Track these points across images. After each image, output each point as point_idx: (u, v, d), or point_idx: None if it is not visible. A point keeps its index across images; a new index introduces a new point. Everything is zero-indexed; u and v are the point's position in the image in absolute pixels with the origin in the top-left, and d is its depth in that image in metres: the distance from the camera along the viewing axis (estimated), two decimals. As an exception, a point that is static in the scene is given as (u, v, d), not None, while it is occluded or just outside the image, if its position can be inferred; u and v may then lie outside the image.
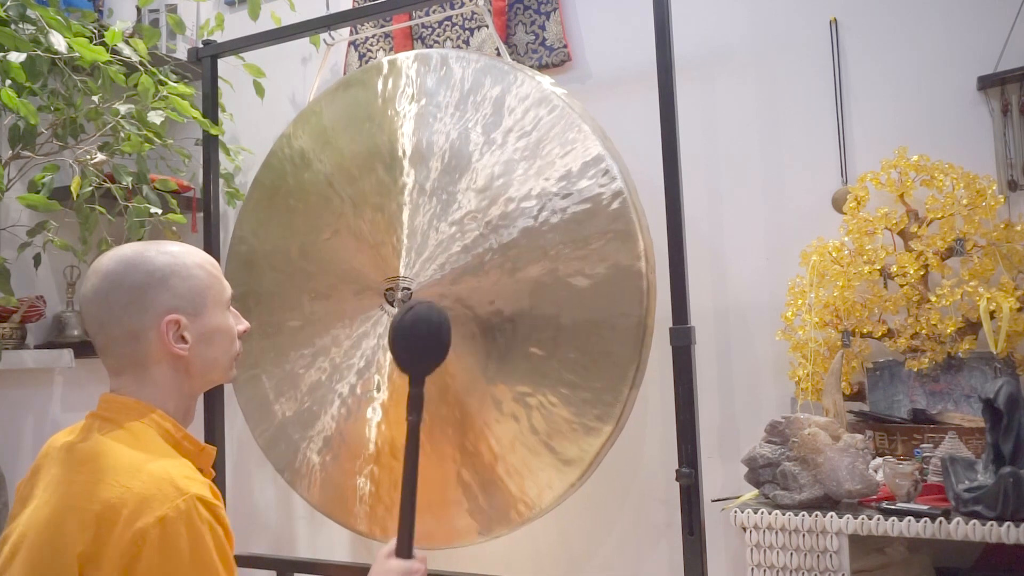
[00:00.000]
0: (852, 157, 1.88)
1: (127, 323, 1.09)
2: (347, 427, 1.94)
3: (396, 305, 1.85)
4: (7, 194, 2.08)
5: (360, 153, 1.96)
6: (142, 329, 1.10)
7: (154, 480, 1.00)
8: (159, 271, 1.11)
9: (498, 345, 1.75)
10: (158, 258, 1.12)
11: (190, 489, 1.00)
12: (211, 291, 1.16)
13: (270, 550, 2.48)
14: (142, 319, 1.10)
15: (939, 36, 1.82)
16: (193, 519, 0.98)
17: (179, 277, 1.12)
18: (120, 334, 1.10)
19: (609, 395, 1.66)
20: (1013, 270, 1.65)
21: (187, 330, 1.12)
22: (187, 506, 0.98)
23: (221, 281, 1.19)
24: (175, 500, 0.98)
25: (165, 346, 1.11)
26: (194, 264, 1.15)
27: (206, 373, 1.17)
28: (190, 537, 0.97)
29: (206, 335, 1.15)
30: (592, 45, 2.17)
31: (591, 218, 1.69)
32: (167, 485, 0.99)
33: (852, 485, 1.44)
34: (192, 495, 0.99)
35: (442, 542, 1.86)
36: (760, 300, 1.94)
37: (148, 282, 1.10)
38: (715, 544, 1.88)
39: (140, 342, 1.10)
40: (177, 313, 1.11)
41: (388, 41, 2.38)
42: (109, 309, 1.10)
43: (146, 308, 1.10)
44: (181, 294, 1.12)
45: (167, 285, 1.11)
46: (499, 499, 1.77)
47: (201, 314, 1.14)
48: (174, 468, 1.04)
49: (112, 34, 1.92)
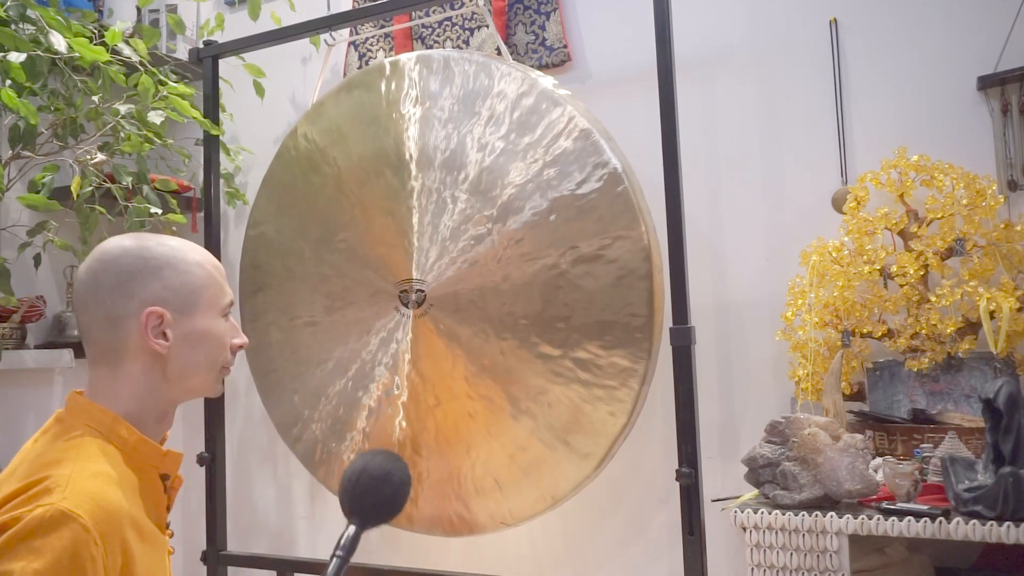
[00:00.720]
0: (852, 157, 1.88)
1: (110, 306, 1.04)
2: (371, 424, 1.98)
3: (410, 307, 1.87)
4: (7, 194, 2.08)
5: (368, 156, 1.97)
6: (124, 316, 1.04)
7: (46, 485, 0.93)
8: (154, 260, 1.06)
9: (512, 345, 1.78)
10: (156, 248, 1.07)
11: (62, 502, 0.91)
12: (206, 291, 1.09)
13: (270, 550, 2.48)
14: (126, 305, 1.04)
15: (939, 36, 1.82)
16: (35, 531, 0.89)
17: (174, 270, 1.06)
18: (101, 317, 1.05)
19: (622, 391, 1.71)
20: (1013, 270, 1.65)
21: (170, 326, 1.05)
22: (41, 516, 0.89)
23: (221, 285, 1.12)
24: (38, 504, 0.90)
25: (143, 339, 1.04)
26: (194, 261, 1.09)
27: (184, 378, 1.09)
28: (15, 547, 0.88)
29: (191, 336, 1.07)
30: (592, 45, 2.17)
31: (601, 218, 1.71)
32: (45, 494, 0.92)
33: (852, 485, 1.44)
34: (57, 508, 0.90)
35: (465, 531, 1.90)
36: (760, 300, 1.94)
37: (140, 268, 1.05)
38: (715, 544, 1.88)
39: (119, 330, 1.04)
40: (163, 306, 1.05)
41: (388, 41, 2.38)
42: (96, 290, 1.04)
43: (132, 294, 1.04)
44: (172, 287, 1.06)
45: (159, 275, 1.05)
46: (519, 490, 1.81)
47: (190, 313, 1.07)
48: (78, 477, 0.95)
49: (112, 34, 1.92)
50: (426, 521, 1.93)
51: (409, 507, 1.93)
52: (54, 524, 0.89)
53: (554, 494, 1.79)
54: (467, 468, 1.86)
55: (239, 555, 2.15)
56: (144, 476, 1.07)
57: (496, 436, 1.82)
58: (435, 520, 1.91)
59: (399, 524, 1.96)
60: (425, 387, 1.88)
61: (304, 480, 2.46)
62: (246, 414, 2.55)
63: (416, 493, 1.92)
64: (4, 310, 2.19)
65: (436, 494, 1.90)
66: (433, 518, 1.92)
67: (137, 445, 1.06)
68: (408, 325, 1.90)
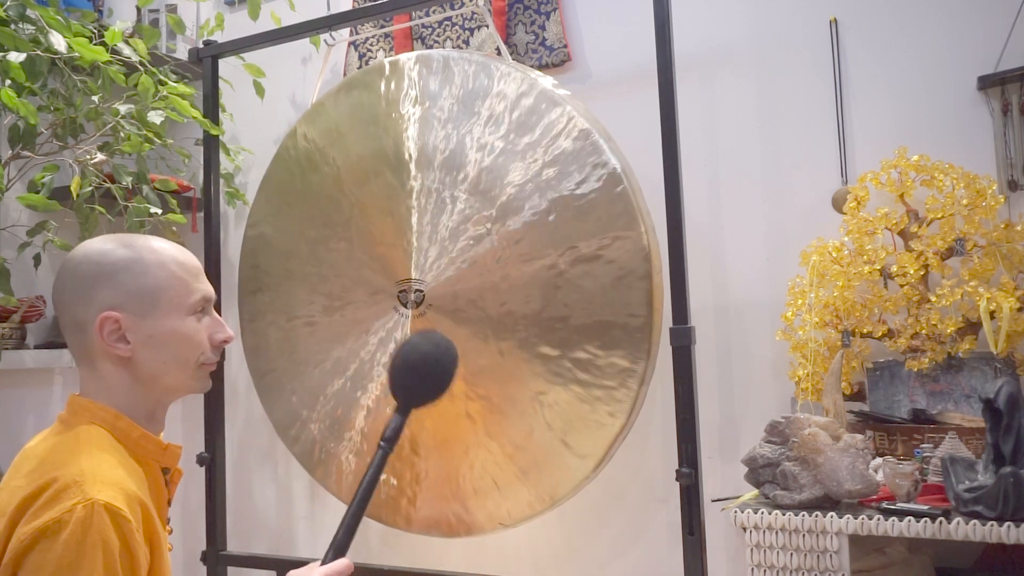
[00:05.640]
0: (852, 157, 1.88)
1: (74, 312, 1.06)
2: (369, 424, 1.98)
3: (409, 307, 1.87)
4: (7, 194, 2.09)
5: (367, 156, 1.97)
6: (85, 322, 1.05)
7: (65, 481, 0.94)
8: (111, 265, 1.06)
9: (511, 345, 1.78)
10: (116, 252, 1.07)
11: (98, 495, 0.93)
12: (167, 292, 1.08)
13: (270, 550, 2.48)
14: (86, 311, 1.05)
15: (939, 36, 1.82)
16: (87, 530, 0.90)
17: (130, 273, 1.06)
18: (69, 323, 1.08)
19: (621, 392, 1.71)
20: (1013, 270, 1.65)
21: (129, 330, 1.06)
22: (85, 514, 0.91)
23: (186, 283, 1.10)
24: (73, 503, 0.91)
25: (103, 343, 1.05)
26: (155, 263, 1.08)
27: (157, 379, 1.09)
28: (76, 550, 0.90)
29: (155, 338, 1.07)
30: (592, 45, 2.17)
31: (600, 218, 1.71)
32: (75, 489, 0.93)
33: (852, 485, 1.44)
34: (95, 501, 0.92)
35: (463, 532, 1.90)
36: (760, 300, 1.94)
37: (97, 274, 1.05)
38: (715, 544, 1.88)
39: (84, 334, 1.06)
40: (119, 311, 1.05)
41: (388, 41, 2.38)
42: (61, 296, 1.07)
43: (90, 301, 1.05)
44: (129, 291, 1.06)
45: (115, 280, 1.05)
46: (517, 491, 1.81)
47: (149, 315, 1.06)
48: (99, 468, 0.97)
49: (112, 34, 1.92)
50: (424, 522, 1.92)
51: (407, 508, 1.93)
52: (100, 519, 0.91)
53: (553, 495, 1.79)
54: (465, 469, 1.86)
55: (239, 555, 2.15)
56: (147, 470, 1.08)
57: (494, 436, 1.82)
58: (433, 521, 1.91)
59: (397, 525, 1.96)
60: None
61: (304, 480, 2.46)
62: (246, 414, 2.55)
63: (414, 493, 1.92)
64: (4, 310, 2.20)
65: (434, 495, 1.90)
66: (431, 519, 1.91)
67: (139, 439, 1.08)
68: (407, 325, 1.89)
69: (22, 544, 0.90)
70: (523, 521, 1.85)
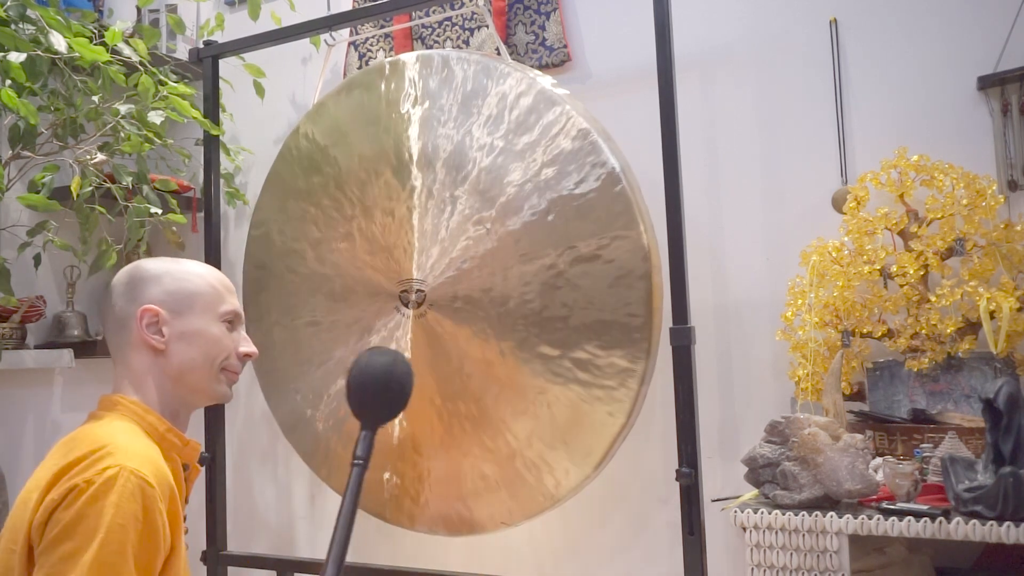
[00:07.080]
0: (852, 157, 1.88)
1: (119, 309, 1.20)
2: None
3: (410, 307, 1.87)
4: (7, 194, 2.08)
5: (368, 156, 1.97)
6: (128, 316, 1.19)
7: (99, 453, 1.03)
8: (156, 270, 1.22)
9: (511, 344, 1.78)
10: (163, 264, 1.23)
11: (127, 462, 1.02)
12: (202, 296, 1.21)
13: (270, 550, 2.48)
14: (129, 307, 1.19)
15: (939, 36, 1.82)
16: (110, 488, 0.99)
17: (172, 277, 1.21)
18: (113, 322, 1.21)
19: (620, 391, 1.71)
20: (1013, 270, 1.65)
21: (166, 324, 1.18)
22: (112, 475, 0.99)
23: (220, 293, 1.23)
24: (104, 467, 1.00)
25: (141, 333, 1.18)
26: (193, 272, 1.23)
27: (183, 374, 1.19)
28: (96, 505, 0.98)
29: (186, 334, 1.19)
30: (592, 45, 2.17)
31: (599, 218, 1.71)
32: (107, 457, 1.02)
33: (852, 485, 1.44)
34: (123, 466, 1.01)
35: (465, 531, 1.91)
36: (760, 300, 1.94)
37: (144, 278, 1.21)
38: (715, 544, 1.88)
39: (126, 328, 1.19)
40: (159, 306, 1.19)
41: (388, 41, 2.38)
42: (111, 297, 1.22)
43: (134, 298, 1.19)
44: (169, 291, 1.20)
45: (158, 282, 1.20)
46: (519, 491, 1.81)
47: (184, 314, 1.20)
48: (132, 445, 1.07)
49: (112, 34, 1.92)
50: (427, 520, 1.93)
51: (410, 506, 1.94)
52: (126, 481, 1.00)
53: (553, 494, 1.79)
54: (467, 468, 1.86)
55: (239, 555, 2.15)
56: (171, 465, 1.14)
57: (495, 436, 1.82)
58: (436, 519, 1.92)
59: (400, 523, 1.96)
60: (425, 386, 1.88)
61: (304, 480, 2.46)
62: (246, 414, 2.55)
63: (417, 492, 1.92)
64: (4, 310, 2.19)
65: (436, 494, 1.90)
66: (434, 517, 1.92)
67: (165, 433, 1.17)
68: (408, 324, 1.90)
69: (53, 502, 0.99)
70: (525, 520, 1.85)
